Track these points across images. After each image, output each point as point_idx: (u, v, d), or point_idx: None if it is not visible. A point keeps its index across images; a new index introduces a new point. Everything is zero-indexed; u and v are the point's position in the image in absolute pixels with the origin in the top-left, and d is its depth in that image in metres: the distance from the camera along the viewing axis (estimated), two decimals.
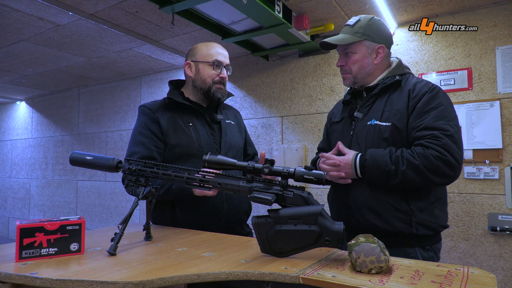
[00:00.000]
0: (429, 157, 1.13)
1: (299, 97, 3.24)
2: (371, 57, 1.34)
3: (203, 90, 1.50)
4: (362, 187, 1.26)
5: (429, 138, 1.16)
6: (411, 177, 1.15)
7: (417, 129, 1.20)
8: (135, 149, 1.40)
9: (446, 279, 0.76)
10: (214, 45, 1.54)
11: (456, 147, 1.15)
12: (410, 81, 1.31)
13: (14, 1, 2.37)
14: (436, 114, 1.19)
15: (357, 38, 1.32)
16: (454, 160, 1.13)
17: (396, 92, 1.30)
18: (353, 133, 1.33)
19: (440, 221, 1.23)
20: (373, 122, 1.27)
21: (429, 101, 1.22)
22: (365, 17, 1.36)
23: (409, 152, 1.17)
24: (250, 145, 1.74)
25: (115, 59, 3.66)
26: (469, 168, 2.48)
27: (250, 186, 0.99)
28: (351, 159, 1.24)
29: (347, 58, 1.36)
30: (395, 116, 1.24)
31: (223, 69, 1.51)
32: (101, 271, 0.80)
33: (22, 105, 5.78)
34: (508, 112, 2.39)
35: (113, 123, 4.57)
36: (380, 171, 1.18)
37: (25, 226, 0.89)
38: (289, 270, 0.82)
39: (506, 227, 2.34)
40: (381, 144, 1.24)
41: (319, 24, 2.79)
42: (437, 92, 1.24)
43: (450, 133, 1.16)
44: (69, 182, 5.00)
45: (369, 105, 1.33)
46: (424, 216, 1.20)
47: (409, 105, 1.24)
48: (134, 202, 1.02)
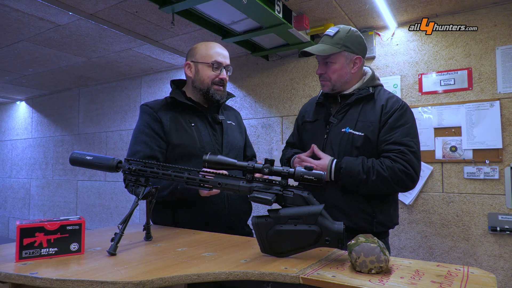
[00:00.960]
0: (396, 170, 1.30)
1: (299, 97, 3.24)
2: (349, 67, 1.44)
3: (202, 91, 1.50)
4: (333, 189, 1.39)
5: (396, 152, 1.32)
6: (378, 187, 1.31)
7: (386, 142, 1.35)
8: (137, 148, 1.40)
9: (446, 279, 0.76)
10: (213, 45, 1.53)
11: (417, 163, 1.33)
12: (382, 96, 1.43)
13: (14, 1, 2.37)
14: (403, 131, 1.34)
15: (337, 49, 1.41)
16: (415, 173, 1.32)
17: (370, 103, 1.42)
18: (327, 138, 1.45)
19: (394, 220, 1.43)
20: (348, 130, 1.40)
21: (399, 118, 1.36)
22: (344, 28, 1.45)
23: (379, 164, 1.31)
24: (249, 146, 1.74)
25: (115, 59, 3.66)
26: (469, 168, 2.48)
27: (250, 186, 0.99)
28: (327, 164, 1.36)
29: (327, 67, 1.46)
30: (369, 128, 1.37)
31: (222, 70, 1.50)
32: (101, 271, 0.80)
33: (22, 105, 5.78)
34: (508, 112, 2.39)
35: (113, 123, 4.57)
36: (353, 179, 1.32)
37: (25, 226, 0.89)
38: (289, 270, 0.82)
39: (506, 227, 2.34)
40: (353, 151, 1.38)
41: (319, 24, 2.79)
42: (405, 110, 1.39)
43: (414, 150, 1.33)
44: (69, 182, 5.00)
45: (343, 112, 1.44)
46: (383, 216, 1.37)
47: (381, 119, 1.38)
48: (134, 202, 1.02)
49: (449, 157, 2.54)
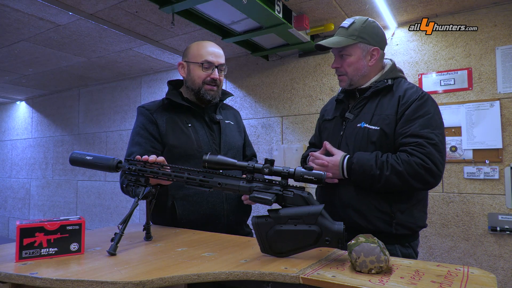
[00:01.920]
0: (413, 164, 1.18)
1: (299, 97, 3.24)
2: (366, 59, 1.36)
3: (194, 91, 1.49)
4: (347, 188, 1.31)
5: (414, 145, 1.21)
6: (394, 182, 1.20)
7: (404, 135, 1.24)
8: (132, 150, 1.41)
9: (446, 279, 0.76)
10: (205, 44, 1.50)
11: (438, 156, 1.20)
12: (401, 87, 1.34)
13: (14, 1, 2.37)
14: (422, 122, 1.23)
15: (352, 41, 1.34)
16: (435, 168, 1.19)
17: (387, 96, 1.33)
18: (343, 134, 1.38)
19: (419, 222, 1.29)
20: (363, 125, 1.31)
21: (417, 109, 1.26)
22: (360, 19, 1.37)
23: (394, 158, 1.22)
24: (248, 146, 1.73)
25: (115, 59, 3.66)
26: (469, 168, 2.48)
27: (250, 186, 0.99)
28: (339, 160, 1.29)
29: (342, 60, 1.38)
30: (384, 121, 1.28)
31: (214, 70, 1.47)
32: (101, 271, 0.80)
33: (22, 105, 5.78)
34: (508, 112, 2.39)
35: (113, 123, 4.57)
36: (366, 174, 1.23)
37: (25, 226, 0.89)
38: (289, 270, 0.82)
39: (506, 227, 2.34)
40: (369, 147, 1.29)
41: (319, 24, 2.79)
42: (426, 100, 1.27)
43: (434, 142, 1.21)
44: (69, 182, 5.00)
45: (360, 107, 1.37)
46: (404, 217, 1.26)
47: (398, 111, 1.28)
48: (134, 202, 1.02)
49: (449, 157, 2.54)
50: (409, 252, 1.30)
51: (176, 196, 1.40)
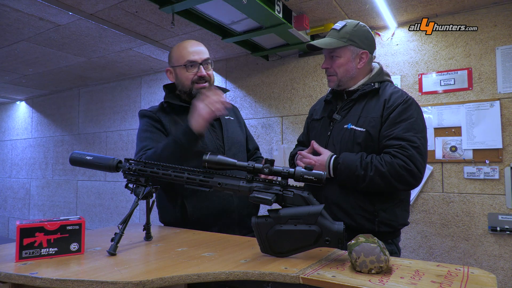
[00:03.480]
0: (395, 166, 1.24)
1: (299, 97, 3.24)
2: (355, 62, 1.41)
3: (186, 93, 1.49)
4: (333, 187, 1.36)
5: (397, 148, 1.26)
6: (377, 183, 1.26)
7: (388, 138, 1.30)
8: (143, 144, 1.39)
9: (446, 279, 0.76)
10: (185, 45, 1.49)
11: (420, 158, 1.27)
12: (387, 91, 1.39)
13: (14, 1, 2.37)
14: (406, 125, 1.29)
15: (343, 43, 1.38)
16: (417, 170, 1.25)
17: (374, 99, 1.38)
18: (330, 134, 1.43)
19: (401, 220, 1.36)
20: (349, 126, 1.37)
21: (401, 113, 1.31)
22: (351, 22, 1.42)
23: (378, 160, 1.27)
24: (250, 139, 1.73)
25: (115, 59, 3.66)
26: (469, 168, 2.48)
27: (250, 186, 0.99)
28: (326, 160, 1.34)
29: (332, 61, 1.43)
30: (370, 124, 1.33)
31: (199, 67, 1.46)
32: (101, 271, 0.80)
33: (22, 105, 5.78)
34: (508, 112, 2.39)
35: (113, 123, 4.57)
36: (351, 174, 1.28)
37: (25, 226, 0.89)
38: (289, 270, 0.82)
39: (506, 227, 2.34)
40: (355, 147, 1.34)
41: (319, 24, 2.79)
42: (410, 104, 1.33)
43: (416, 145, 1.26)
44: (69, 182, 5.00)
45: (347, 108, 1.42)
46: (386, 215, 1.32)
47: (383, 114, 1.33)
48: (134, 202, 1.02)
49: (449, 157, 2.54)
50: (392, 248, 1.36)
51: (185, 193, 1.40)
